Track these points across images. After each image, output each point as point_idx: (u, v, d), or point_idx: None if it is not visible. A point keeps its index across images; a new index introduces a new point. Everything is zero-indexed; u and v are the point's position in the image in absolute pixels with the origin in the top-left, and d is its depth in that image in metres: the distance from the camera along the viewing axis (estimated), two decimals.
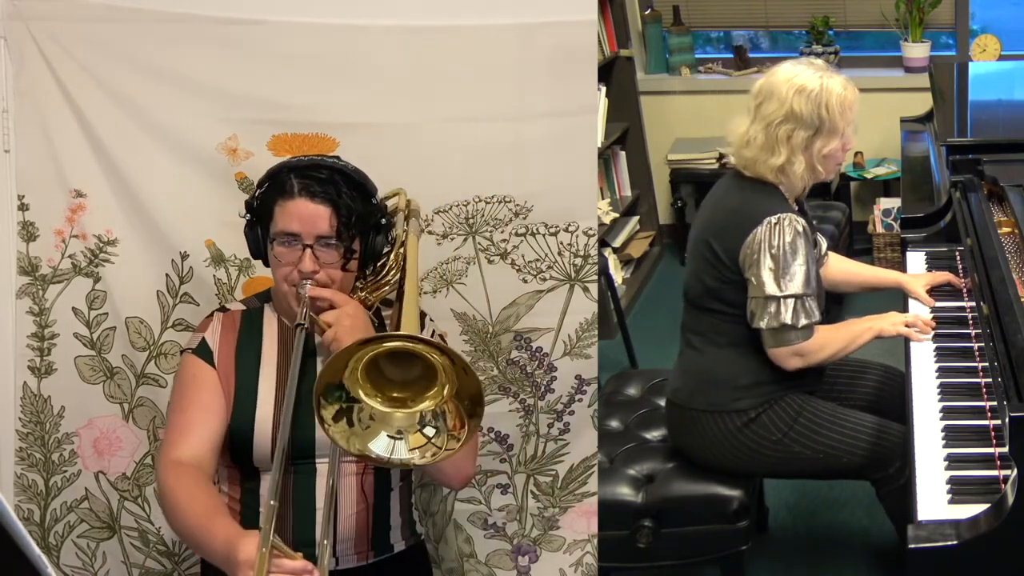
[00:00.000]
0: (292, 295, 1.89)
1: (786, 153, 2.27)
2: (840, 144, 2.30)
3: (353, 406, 1.62)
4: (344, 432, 1.62)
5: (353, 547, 1.97)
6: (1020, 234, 2.39)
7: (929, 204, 2.92)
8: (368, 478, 1.96)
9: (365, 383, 1.62)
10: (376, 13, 2.24)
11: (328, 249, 1.87)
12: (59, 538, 2.56)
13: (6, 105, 2.36)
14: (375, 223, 1.93)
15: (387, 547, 2.02)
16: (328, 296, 1.86)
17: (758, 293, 2.26)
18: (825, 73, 2.29)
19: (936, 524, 1.72)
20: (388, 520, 2.02)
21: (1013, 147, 2.80)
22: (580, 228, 2.32)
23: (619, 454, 2.53)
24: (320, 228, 1.86)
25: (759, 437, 2.35)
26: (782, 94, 2.27)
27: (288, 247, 1.88)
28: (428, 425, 1.64)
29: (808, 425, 2.35)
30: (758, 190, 2.32)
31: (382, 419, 1.64)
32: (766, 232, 2.24)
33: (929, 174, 3.16)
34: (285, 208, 1.87)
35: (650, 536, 2.37)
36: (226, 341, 1.98)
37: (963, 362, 2.22)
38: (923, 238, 2.82)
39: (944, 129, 3.11)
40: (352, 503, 1.95)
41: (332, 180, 1.88)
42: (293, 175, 1.88)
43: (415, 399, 1.64)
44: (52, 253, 2.42)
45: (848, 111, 2.29)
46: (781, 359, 2.29)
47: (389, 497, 2.01)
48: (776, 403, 2.35)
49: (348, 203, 1.87)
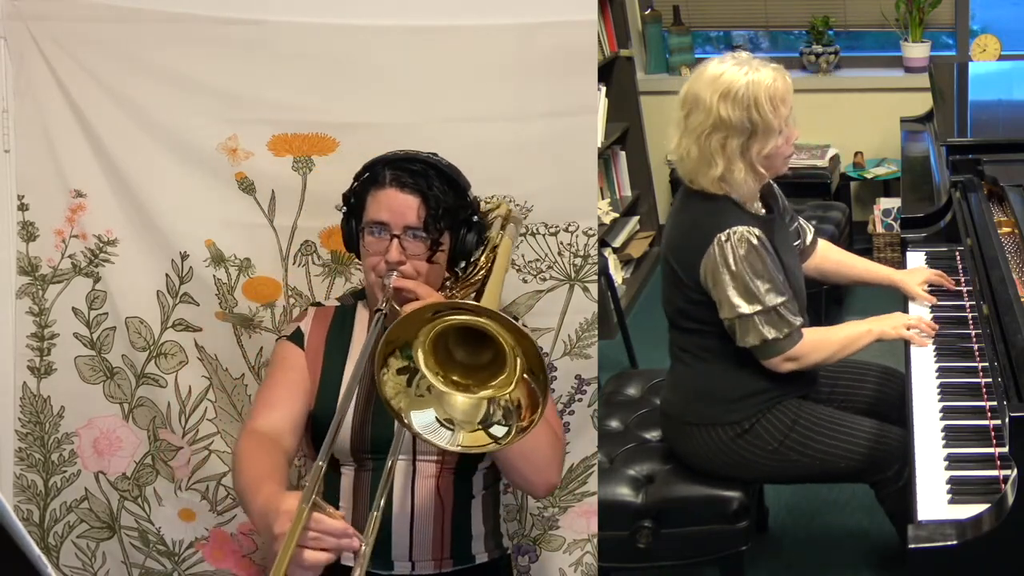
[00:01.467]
0: (379, 286, 1.89)
1: (723, 163, 2.17)
2: (781, 140, 2.18)
3: (418, 371, 1.59)
4: (398, 386, 1.58)
5: (429, 553, 1.93)
6: (1020, 234, 2.39)
7: (929, 204, 2.92)
8: (444, 483, 1.92)
9: (430, 357, 1.59)
10: (376, 13, 2.24)
11: (416, 241, 1.87)
12: (59, 538, 2.56)
13: (6, 105, 2.36)
14: (465, 219, 1.93)
15: (468, 557, 1.98)
16: (412, 287, 1.84)
17: (730, 314, 2.21)
18: (751, 67, 2.15)
19: (936, 524, 1.72)
20: (469, 528, 1.97)
21: (1013, 147, 2.80)
22: (580, 228, 2.32)
23: (619, 454, 2.53)
24: (408, 218, 1.86)
25: (755, 447, 2.34)
26: (707, 102, 2.14)
27: (377, 237, 1.88)
28: (498, 424, 1.60)
29: (804, 432, 2.34)
30: (707, 206, 2.23)
31: (438, 397, 1.60)
32: (718, 251, 2.17)
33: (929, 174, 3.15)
34: (376, 198, 1.89)
35: (650, 536, 2.37)
36: (317, 332, 2.00)
37: (963, 362, 2.21)
38: (923, 238, 2.82)
39: (944, 129, 3.11)
40: (428, 507, 1.91)
41: (424, 172, 1.88)
42: (386, 167, 1.89)
43: (479, 386, 1.61)
44: (52, 253, 2.42)
45: (781, 105, 2.15)
46: (775, 367, 2.27)
47: (470, 504, 1.97)
48: (770, 411, 2.33)
49: (438, 195, 1.87)
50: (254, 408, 1.95)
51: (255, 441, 1.83)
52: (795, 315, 2.24)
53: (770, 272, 2.19)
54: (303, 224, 2.36)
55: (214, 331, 2.43)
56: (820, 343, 2.29)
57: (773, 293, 2.19)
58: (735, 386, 2.32)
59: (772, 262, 2.21)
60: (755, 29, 5.09)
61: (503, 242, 1.96)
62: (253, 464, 1.76)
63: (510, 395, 1.58)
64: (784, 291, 2.22)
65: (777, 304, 2.20)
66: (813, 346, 2.27)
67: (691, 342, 2.37)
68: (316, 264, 2.39)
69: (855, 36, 4.94)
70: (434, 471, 1.91)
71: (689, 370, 2.39)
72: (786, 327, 2.22)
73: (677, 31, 4.94)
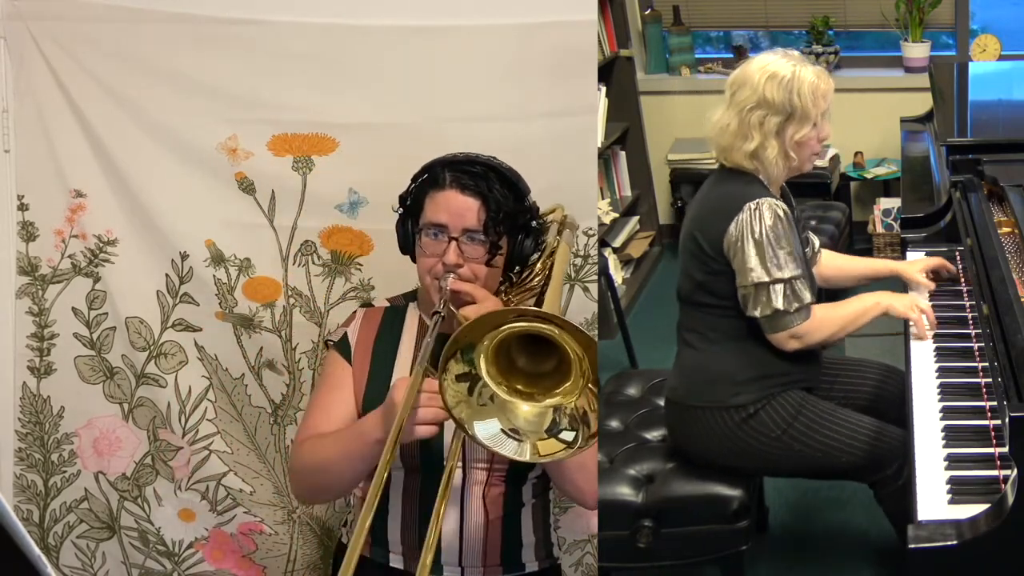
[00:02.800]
0: (434, 288, 1.85)
1: (759, 138, 2.28)
2: (814, 133, 2.30)
3: (480, 379, 1.57)
4: (459, 395, 1.56)
5: (480, 560, 1.91)
6: (1020, 234, 2.39)
7: (929, 204, 2.92)
8: (494, 490, 1.90)
9: (492, 365, 1.57)
10: (376, 13, 2.24)
11: (474, 244, 1.84)
12: (59, 538, 2.56)
13: (6, 105, 2.36)
14: (524, 223, 1.90)
15: (518, 565, 1.96)
16: (470, 290, 1.82)
17: (746, 281, 2.26)
18: (799, 63, 2.30)
19: (936, 524, 1.72)
20: (519, 537, 1.95)
21: (1013, 147, 2.80)
22: (580, 228, 2.32)
23: (619, 454, 2.53)
24: (468, 221, 1.83)
25: (759, 433, 2.35)
26: (754, 81, 2.29)
27: (434, 239, 1.85)
28: (566, 430, 1.58)
29: (807, 423, 2.35)
30: (737, 180, 2.33)
31: (501, 406, 1.58)
32: (747, 218, 2.25)
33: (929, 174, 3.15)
34: (435, 199, 1.86)
35: (650, 536, 2.37)
36: (365, 335, 1.97)
37: (963, 362, 2.21)
38: (923, 238, 2.81)
39: (944, 129, 3.11)
40: (479, 514, 1.90)
41: (484, 175, 1.86)
42: (446, 169, 1.87)
43: (544, 394, 1.59)
44: (52, 253, 2.42)
45: (821, 99, 2.29)
46: (780, 343, 2.30)
47: (520, 513, 1.95)
48: (775, 399, 2.35)
49: (498, 199, 1.84)
50: (301, 429, 1.93)
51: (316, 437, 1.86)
52: (808, 292, 2.28)
53: (791, 245, 2.25)
54: (303, 224, 2.36)
55: (214, 331, 2.44)
56: (825, 320, 2.32)
57: (792, 265, 2.24)
58: (742, 368, 2.34)
59: (795, 237, 2.28)
60: (755, 29, 5.09)
61: (560, 248, 1.94)
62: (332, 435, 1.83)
63: (575, 403, 1.58)
64: (803, 266, 2.27)
65: (794, 276, 2.24)
66: (818, 324, 2.30)
67: (701, 322, 2.39)
68: (316, 264, 2.39)
69: (855, 36, 4.94)
70: (485, 478, 1.89)
71: (696, 352, 2.41)
72: (797, 302, 2.25)
73: (677, 31, 4.94)
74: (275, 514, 2.54)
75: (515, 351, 1.60)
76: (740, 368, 2.35)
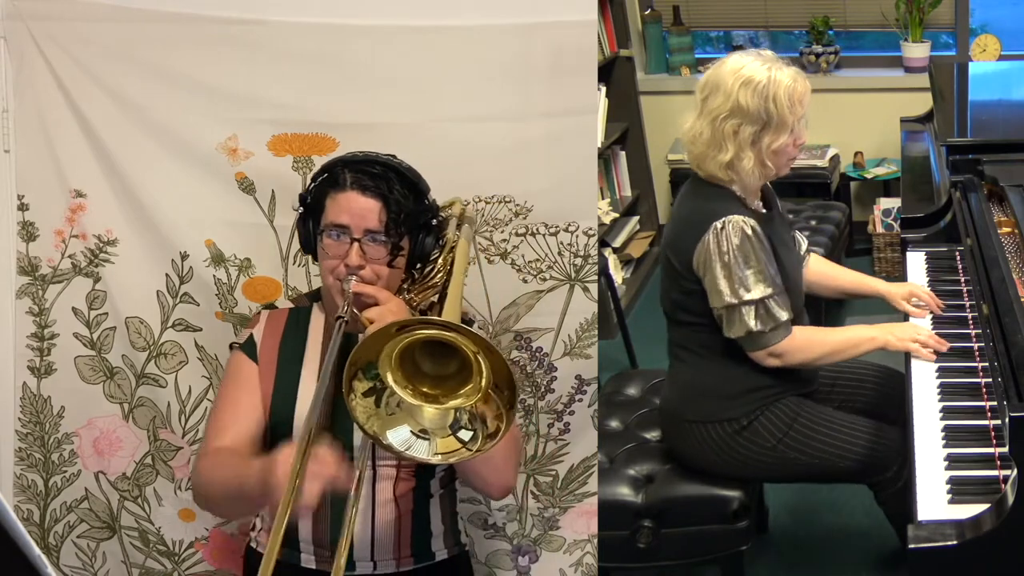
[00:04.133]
0: (337, 289, 1.87)
1: (733, 149, 2.20)
2: (791, 139, 2.22)
3: (385, 389, 1.60)
4: (368, 410, 1.60)
5: (391, 552, 1.94)
6: (1020, 234, 2.39)
7: (929, 204, 2.92)
8: (403, 485, 1.93)
9: (397, 371, 1.60)
10: (376, 13, 2.24)
11: (376, 244, 1.86)
12: (59, 538, 2.56)
13: (6, 105, 2.36)
14: (425, 223, 1.92)
15: (428, 555, 1.99)
16: (372, 292, 1.83)
17: (718, 303, 2.22)
18: (774, 65, 2.21)
19: (936, 524, 1.72)
20: (429, 527, 1.99)
21: (1013, 147, 2.80)
22: (580, 228, 2.32)
23: (619, 454, 2.53)
24: (369, 222, 1.85)
25: (753, 444, 2.34)
26: (727, 87, 2.20)
27: (336, 240, 1.86)
28: (464, 428, 1.62)
29: (803, 431, 2.33)
30: (709, 194, 2.26)
31: (409, 411, 1.62)
32: (713, 239, 2.19)
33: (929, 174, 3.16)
34: (336, 200, 1.87)
35: (650, 536, 2.37)
36: (270, 336, 1.98)
37: (963, 362, 2.21)
38: (923, 238, 2.81)
39: (944, 129, 3.11)
40: (389, 509, 1.93)
41: (385, 176, 1.87)
42: (347, 169, 1.88)
43: (448, 396, 1.62)
44: (52, 253, 2.42)
45: (797, 104, 2.20)
46: (760, 361, 2.26)
47: (429, 504, 1.98)
48: (769, 409, 2.33)
49: (399, 199, 1.86)
50: (206, 433, 1.95)
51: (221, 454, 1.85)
52: (783, 310, 2.22)
53: (761, 263, 2.20)
54: None
55: (214, 331, 2.43)
56: (810, 343, 2.28)
57: (762, 285, 2.19)
58: (733, 382, 2.32)
59: (766, 255, 2.21)
60: (755, 29, 5.09)
61: (460, 243, 1.96)
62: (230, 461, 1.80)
63: (477, 404, 1.61)
64: (774, 285, 2.21)
65: (765, 296, 2.19)
66: (801, 345, 2.26)
67: (689, 338, 2.37)
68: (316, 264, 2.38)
69: (855, 36, 4.95)
70: (395, 475, 1.93)
71: (687, 367, 2.39)
72: (772, 321, 2.21)
73: (677, 31, 4.94)
74: None
75: (420, 355, 1.63)
76: (731, 382, 2.33)
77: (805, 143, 2.30)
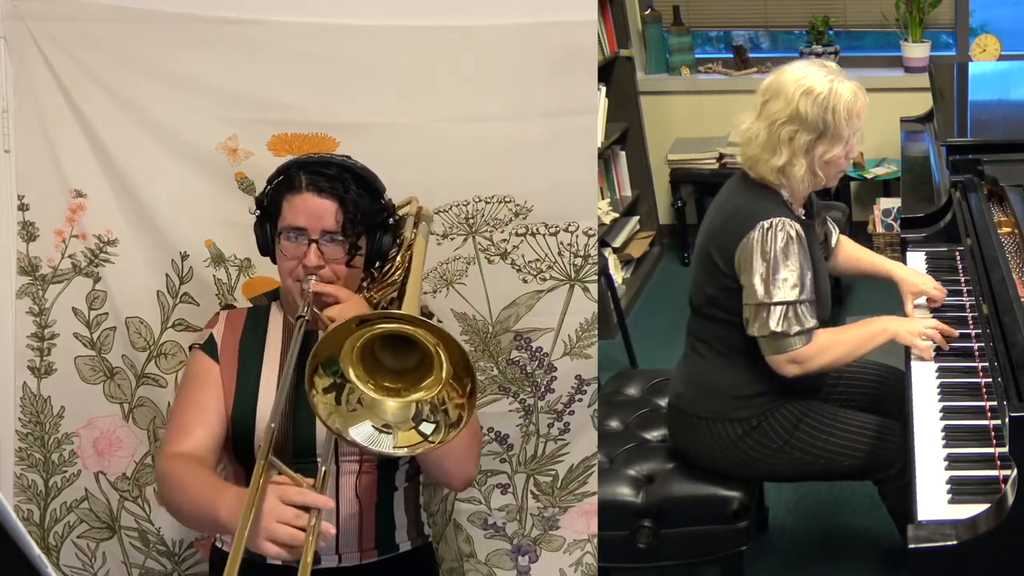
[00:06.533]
0: (297, 290, 1.90)
1: (787, 154, 2.23)
2: (843, 151, 2.26)
3: (345, 385, 1.63)
4: (329, 406, 1.62)
5: (355, 545, 1.97)
6: (1020, 234, 2.39)
7: (929, 204, 2.92)
8: (366, 478, 1.96)
9: (358, 366, 1.63)
10: (377, 13, 2.24)
11: (333, 245, 1.89)
12: (59, 538, 2.56)
13: (6, 105, 2.36)
14: (382, 222, 1.95)
15: (392, 546, 2.03)
16: (332, 292, 1.86)
17: (750, 300, 2.23)
18: (836, 77, 2.24)
19: (936, 524, 1.72)
20: (392, 520, 2.02)
21: (1013, 147, 2.80)
22: (580, 228, 2.32)
23: (619, 454, 2.53)
24: (326, 223, 1.87)
25: (760, 445, 2.34)
26: (789, 94, 2.22)
27: (294, 242, 1.89)
28: (426, 421, 1.65)
29: (809, 431, 2.34)
30: (758, 194, 2.29)
31: (371, 406, 1.64)
32: (759, 236, 2.21)
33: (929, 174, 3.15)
34: (292, 203, 1.89)
35: (650, 536, 2.37)
36: (230, 336, 2.01)
37: (963, 362, 2.22)
38: (923, 238, 2.82)
39: (944, 129, 3.11)
40: (352, 503, 1.95)
41: (340, 177, 1.89)
42: (302, 171, 1.90)
43: (409, 389, 1.65)
44: (52, 253, 2.42)
45: (855, 119, 2.24)
46: (778, 366, 2.26)
47: (392, 497, 2.01)
48: (777, 411, 2.34)
49: (355, 199, 1.88)
50: (169, 433, 1.95)
51: (185, 460, 1.85)
52: (811, 317, 2.24)
53: (800, 268, 2.22)
54: None
55: None
56: (832, 345, 2.27)
57: (797, 289, 2.21)
58: (749, 382, 2.33)
59: (805, 261, 2.24)
60: (755, 29, 5.09)
61: (417, 240, 1.99)
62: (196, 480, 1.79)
63: (438, 395, 1.63)
64: (807, 291, 2.23)
65: (798, 300, 2.21)
66: (821, 349, 2.25)
67: (713, 334, 2.37)
68: None
69: (855, 36, 4.94)
70: (357, 469, 1.95)
71: (705, 363, 2.39)
72: (798, 326, 2.22)
73: (677, 31, 4.94)
74: None
75: (380, 350, 1.65)
76: (746, 383, 2.33)
77: (856, 156, 2.33)
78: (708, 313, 2.37)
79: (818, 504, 3.07)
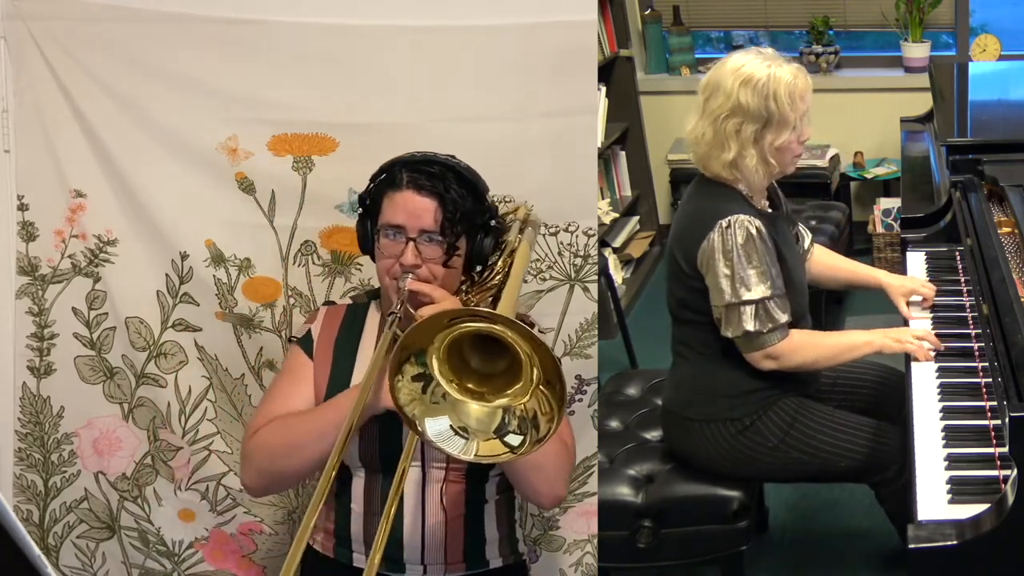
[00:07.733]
0: (393, 289, 1.86)
1: (736, 148, 2.20)
2: (794, 136, 2.23)
3: (433, 378, 1.59)
4: (413, 393, 1.58)
5: (442, 557, 1.91)
6: (1020, 234, 2.39)
7: (929, 204, 2.92)
8: (452, 488, 1.90)
9: (444, 364, 1.59)
10: (377, 13, 2.24)
11: (432, 244, 1.84)
12: (58, 539, 2.56)
13: (6, 105, 2.36)
14: (483, 223, 1.90)
15: (482, 562, 1.96)
16: (427, 291, 1.82)
17: (718, 301, 2.22)
18: (774, 63, 2.21)
19: (936, 524, 1.72)
20: (482, 533, 1.95)
21: (1013, 147, 2.80)
22: (580, 228, 2.32)
23: (619, 454, 2.53)
24: (424, 221, 1.83)
25: (755, 444, 2.34)
26: (728, 87, 2.20)
27: (392, 239, 1.85)
28: (513, 433, 1.59)
29: (804, 430, 2.34)
30: (716, 193, 2.27)
31: (453, 405, 1.60)
32: (719, 236, 2.19)
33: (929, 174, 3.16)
34: (392, 200, 1.86)
35: (650, 536, 2.37)
36: (327, 332, 1.98)
37: (963, 362, 2.21)
38: (923, 238, 2.82)
39: (944, 129, 3.11)
40: (440, 512, 1.90)
41: (442, 175, 1.85)
42: (404, 169, 1.86)
43: (494, 394, 1.60)
44: (52, 253, 2.42)
45: (799, 101, 2.21)
46: (755, 363, 2.26)
47: (483, 509, 1.95)
48: (771, 409, 2.33)
49: (455, 199, 1.84)
50: (256, 417, 1.94)
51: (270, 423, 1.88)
52: (782, 312, 2.23)
53: (764, 264, 2.20)
54: (303, 224, 2.35)
55: (214, 331, 2.43)
56: (806, 346, 2.28)
57: (763, 285, 2.19)
58: (736, 382, 2.32)
59: (769, 256, 2.22)
60: (755, 29, 5.09)
61: (521, 247, 1.94)
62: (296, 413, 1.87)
63: (525, 405, 1.58)
64: (775, 286, 2.22)
65: (765, 297, 2.19)
66: (797, 347, 2.26)
67: (692, 337, 2.37)
68: (316, 264, 2.39)
69: (855, 36, 4.95)
70: (443, 476, 1.90)
71: (690, 366, 2.39)
72: (770, 322, 2.21)
73: (677, 31, 4.94)
74: (275, 514, 2.54)
75: (468, 351, 1.62)
76: (734, 382, 2.33)
77: (809, 138, 2.30)
78: (683, 317, 2.37)
79: (818, 504, 3.07)
